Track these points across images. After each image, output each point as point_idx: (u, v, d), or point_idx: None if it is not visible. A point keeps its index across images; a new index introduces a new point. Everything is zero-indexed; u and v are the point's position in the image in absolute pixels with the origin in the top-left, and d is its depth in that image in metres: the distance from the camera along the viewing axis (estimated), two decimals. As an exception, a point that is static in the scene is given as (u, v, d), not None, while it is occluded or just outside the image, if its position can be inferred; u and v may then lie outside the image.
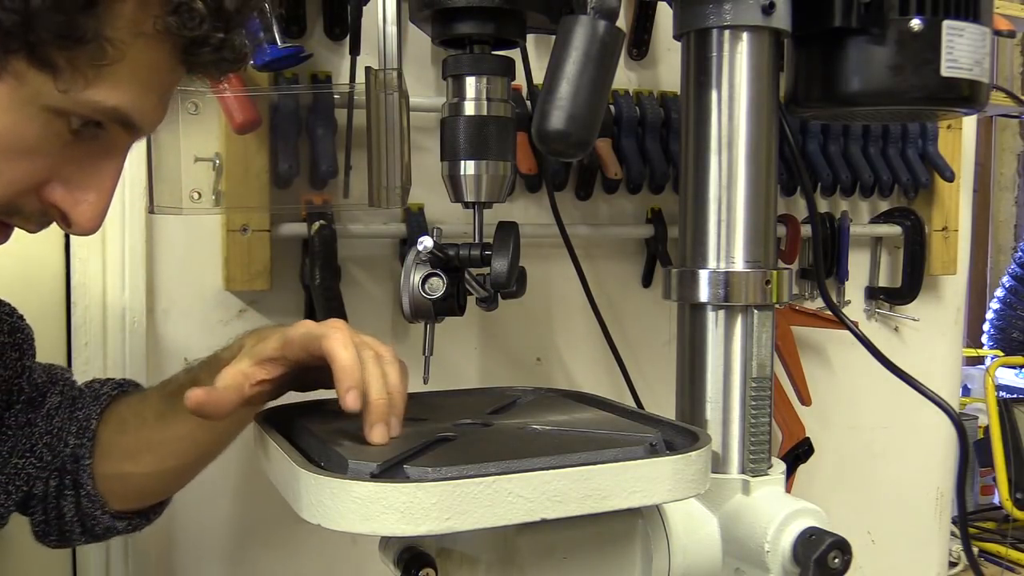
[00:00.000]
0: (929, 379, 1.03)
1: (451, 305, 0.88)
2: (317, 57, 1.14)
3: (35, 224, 0.67)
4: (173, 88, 0.68)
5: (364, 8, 1.06)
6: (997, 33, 1.24)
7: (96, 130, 0.64)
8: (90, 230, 0.67)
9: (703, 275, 0.89)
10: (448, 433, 0.78)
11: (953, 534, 1.64)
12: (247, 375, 0.77)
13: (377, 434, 0.73)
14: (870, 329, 1.52)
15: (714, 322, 0.90)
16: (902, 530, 1.57)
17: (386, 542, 0.77)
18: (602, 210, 1.33)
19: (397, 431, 0.75)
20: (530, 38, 0.95)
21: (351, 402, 0.73)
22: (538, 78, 1.06)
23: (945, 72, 0.89)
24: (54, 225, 0.69)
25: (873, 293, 1.53)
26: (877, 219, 1.52)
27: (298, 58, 1.05)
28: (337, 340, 0.75)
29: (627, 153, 1.28)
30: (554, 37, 0.77)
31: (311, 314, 1.14)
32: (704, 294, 0.89)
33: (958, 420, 1.06)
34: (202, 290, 1.12)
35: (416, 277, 0.87)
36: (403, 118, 1.00)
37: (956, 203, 1.52)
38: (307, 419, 0.81)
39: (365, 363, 0.75)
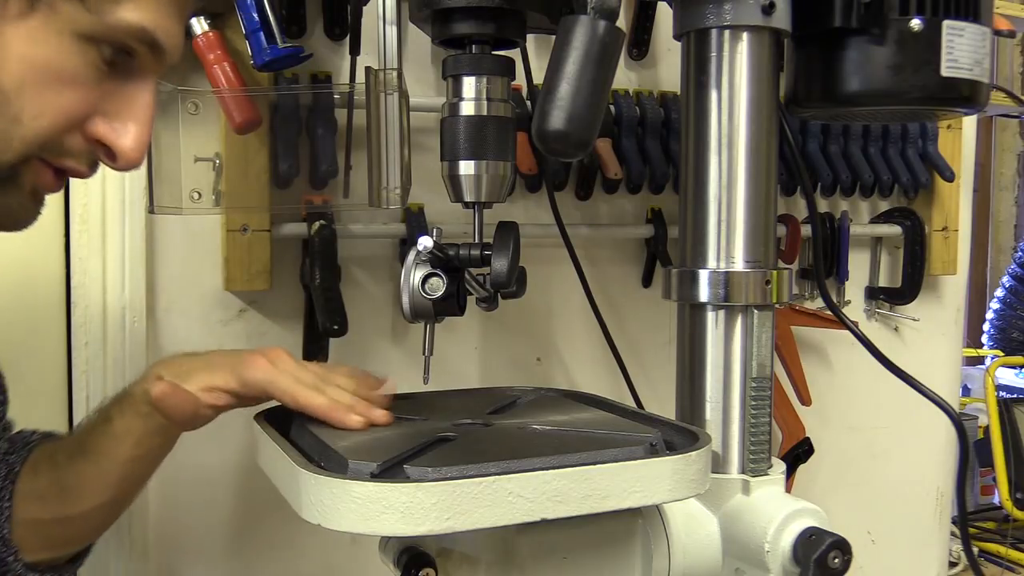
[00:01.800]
0: (929, 379, 1.03)
1: (451, 305, 0.88)
2: (317, 57, 1.14)
3: (86, 164, 0.70)
4: (189, 10, 0.73)
5: (364, 8, 1.06)
6: (997, 33, 1.24)
7: (127, 59, 0.67)
8: (135, 160, 0.70)
9: (703, 275, 0.89)
10: (448, 433, 0.78)
11: (953, 534, 1.64)
12: (199, 401, 0.82)
13: (354, 421, 0.80)
14: (870, 329, 1.52)
15: (714, 322, 0.90)
16: (902, 530, 1.57)
17: (386, 542, 0.77)
18: (602, 210, 1.33)
19: (383, 418, 0.82)
20: (530, 38, 0.95)
21: (357, 424, 0.80)
22: (538, 78, 1.06)
23: (945, 72, 0.89)
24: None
25: (873, 293, 1.53)
26: (877, 219, 1.52)
27: (298, 58, 1.05)
28: (302, 393, 0.81)
29: (627, 153, 1.28)
30: (554, 37, 0.77)
31: (311, 314, 1.14)
32: (704, 294, 0.89)
33: (958, 420, 1.06)
34: (202, 290, 1.12)
35: (416, 277, 0.87)
36: (403, 118, 1.00)
37: (956, 203, 1.52)
38: (307, 419, 0.81)
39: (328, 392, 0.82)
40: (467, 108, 0.87)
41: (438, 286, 0.87)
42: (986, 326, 2.32)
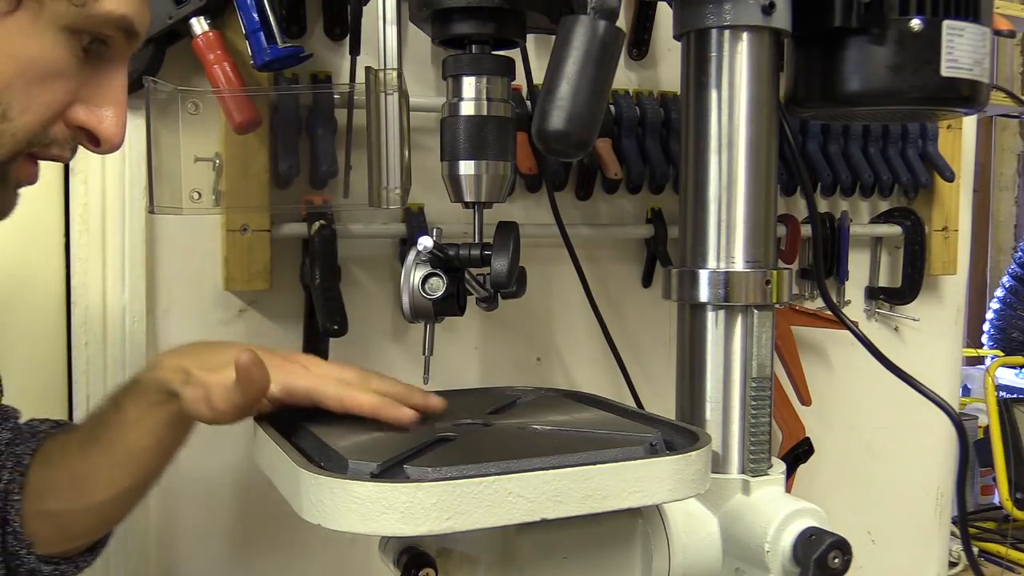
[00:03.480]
0: (929, 379, 1.03)
1: (451, 305, 0.88)
2: (317, 57, 1.14)
3: (68, 151, 0.70)
4: None
5: (364, 8, 1.06)
6: (997, 33, 1.24)
7: (102, 46, 0.68)
8: (118, 144, 0.70)
9: (703, 275, 0.89)
10: (448, 433, 0.78)
11: (953, 534, 1.64)
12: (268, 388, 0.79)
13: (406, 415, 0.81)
14: (870, 329, 1.52)
15: (714, 322, 0.90)
16: (902, 530, 1.57)
17: (386, 542, 0.77)
18: (602, 210, 1.33)
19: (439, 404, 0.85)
20: (530, 38, 0.95)
21: (409, 417, 0.81)
22: (538, 78, 1.06)
23: (945, 72, 0.89)
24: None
25: (873, 293, 1.53)
26: (877, 219, 1.52)
27: (298, 58, 1.05)
28: (349, 395, 0.81)
29: (627, 153, 1.28)
30: (554, 37, 0.77)
31: (311, 314, 1.14)
32: (704, 294, 0.89)
33: (958, 420, 1.06)
34: (202, 290, 1.12)
35: (416, 277, 0.87)
36: (403, 118, 1.00)
37: (956, 203, 1.52)
38: (307, 419, 0.81)
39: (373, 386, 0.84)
40: (467, 108, 0.87)
41: (438, 286, 0.87)
42: (986, 326, 2.32)
